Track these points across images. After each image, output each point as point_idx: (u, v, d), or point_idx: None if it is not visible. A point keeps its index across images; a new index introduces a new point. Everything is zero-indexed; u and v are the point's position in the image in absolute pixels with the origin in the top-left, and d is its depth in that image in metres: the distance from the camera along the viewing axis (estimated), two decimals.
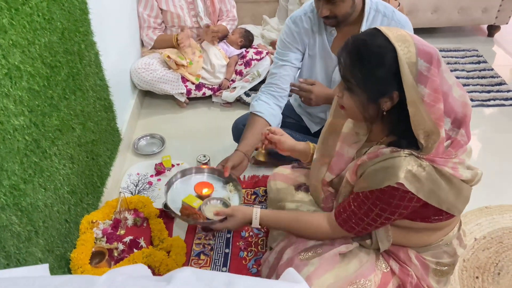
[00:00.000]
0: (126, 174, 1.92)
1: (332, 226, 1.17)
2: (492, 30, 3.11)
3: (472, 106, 2.34)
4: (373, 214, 1.06)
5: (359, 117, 1.08)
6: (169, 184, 1.51)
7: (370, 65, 0.98)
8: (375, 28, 1.01)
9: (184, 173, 1.58)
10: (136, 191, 1.84)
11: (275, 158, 1.88)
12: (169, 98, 2.44)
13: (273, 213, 1.30)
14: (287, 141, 1.40)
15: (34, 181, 1.16)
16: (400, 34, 0.97)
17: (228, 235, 1.66)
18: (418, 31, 3.02)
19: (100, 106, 1.66)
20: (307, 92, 1.66)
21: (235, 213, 1.28)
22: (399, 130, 1.02)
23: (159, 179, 1.91)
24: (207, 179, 1.58)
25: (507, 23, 3.03)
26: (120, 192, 1.66)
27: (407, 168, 0.98)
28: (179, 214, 1.38)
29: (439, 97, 0.95)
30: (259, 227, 1.26)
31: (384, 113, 1.01)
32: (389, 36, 0.96)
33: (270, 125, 1.68)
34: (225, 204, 1.44)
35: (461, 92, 1.03)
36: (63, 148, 1.33)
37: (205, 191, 1.49)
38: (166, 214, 1.70)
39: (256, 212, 1.26)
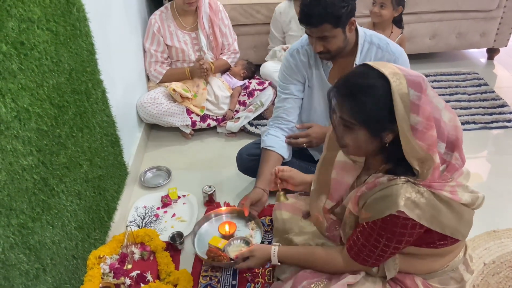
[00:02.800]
0: (133, 208, 1.94)
1: (346, 261, 1.18)
2: (492, 53, 3.14)
3: (475, 129, 2.41)
4: (381, 245, 1.07)
5: (362, 153, 1.10)
6: (194, 232, 1.68)
7: (367, 104, 1.00)
8: (364, 65, 1.04)
9: (206, 218, 1.75)
10: (143, 224, 1.85)
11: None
12: (175, 130, 2.49)
13: (290, 249, 1.34)
14: (297, 175, 1.46)
15: (42, 219, 1.19)
16: (390, 67, 1.00)
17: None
18: (418, 56, 3.08)
19: (107, 142, 1.70)
20: (306, 137, 1.76)
21: (254, 253, 1.35)
22: (395, 158, 1.04)
23: (165, 211, 1.93)
24: (230, 219, 1.73)
25: (506, 46, 3.06)
26: (126, 226, 1.68)
27: (406, 196, 0.99)
28: (206, 257, 1.54)
29: (432, 124, 0.97)
30: (278, 263, 1.32)
31: (387, 145, 1.03)
32: (382, 71, 0.99)
33: (282, 157, 1.76)
34: (247, 243, 1.56)
35: (451, 116, 1.05)
36: (70, 185, 1.36)
37: (227, 229, 1.63)
38: (172, 246, 1.71)
39: (274, 250, 1.30)
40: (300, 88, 1.77)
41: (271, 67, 2.61)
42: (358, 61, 1.62)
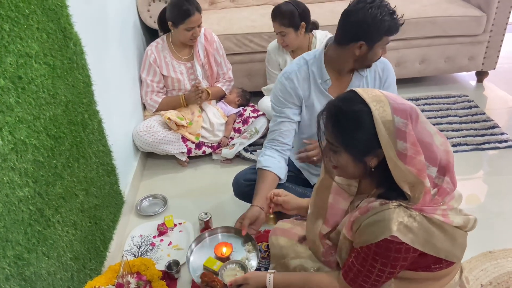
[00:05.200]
0: (129, 237, 1.94)
1: (342, 286, 1.18)
2: (481, 75, 3.21)
3: (468, 151, 2.44)
4: (376, 270, 1.07)
5: (349, 176, 1.13)
6: (190, 250, 1.64)
7: (349, 129, 1.04)
8: (352, 91, 1.08)
9: (202, 237, 1.71)
10: (139, 254, 1.85)
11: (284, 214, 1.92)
12: (171, 158, 2.51)
13: (285, 276, 1.34)
14: (292, 200, 1.47)
15: (38, 250, 1.19)
16: (375, 94, 1.04)
17: None
18: (408, 81, 3.15)
19: (103, 171, 1.72)
20: (315, 150, 1.79)
21: (249, 281, 1.34)
22: (387, 183, 1.06)
23: (161, 240, 1.93)
24: (225, 239, 1.70)
25: (494, 68, 3.14)
26: (122, 256, 1.67)
27: (398, 220, 1.01)
28: (199, 280, 1.51)
29: (419, 149, 1.00)
30: None
31: (372, 169, 1.06)
32: (364, 97, 1.03)
33: (279, 177, 1.76)
34: (243, 267, 1.55)
35: (442, 140, 1.08)
36: (66, 215, 1.37)
37: (224, 251, 1.60)
38: (169, 275, 1.70)
39: (270, 278, 1.30)
40: (296, 112, 1.78)
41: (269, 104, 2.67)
42: (354, 77, 1.72)
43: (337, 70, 1.70)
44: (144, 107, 2.59)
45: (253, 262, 1.59)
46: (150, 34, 2.83)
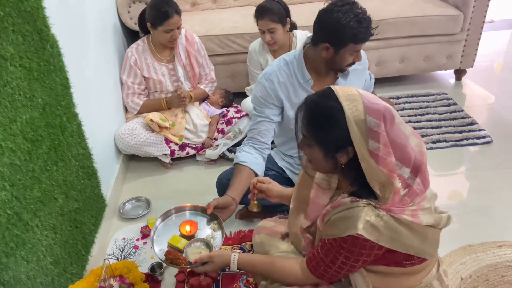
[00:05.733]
0: (111, 240, 1.92)
1: (304, 272, 1.21)
2: (459, 74, 3.28)
3: (446, 147, 2.48)
4: (338, 262, 1.10)
5: (321, 170, 1.15)
6: (154, 228, 1.59)
7: (322, 125, 1.06)
8: (329, 87, 1.09)
9: (167, 214, 1.67)
10: (122, 257, 1.83)
11: (267, 209, 1.91)
12: (154, 160, 2.50)
13: (250, 257, 1.36)
14: (275, 188, 1.49)
15: (16, 254, 1.18)
16: (351, 93, 1.05)
17: None
18: (389, 80, 3.19)
19: (83, 174, 1.70)
20: None
21: (214, 259, 1.36)
22: (359, 181, 1.08)
23: (145, 243, 1.91)
24: (191, 217, 1.66)
25: (472, 67, 3.20)
26: (104, 259, 1.65)
27: (365, 219, 1.03)
28: (164, 258, 1.47)
29: (390, 151, 1.02)
30: (237, 271, 1.36)
31: (343, 166, 1.08)
32: (339, 95, 1.04)
33: (255, 173, 1.76)
34: (208, 245, 1.53)
35: (417, 141, 1.10)
36: (45, 219, 1.35)
37: (188, 229, 1.58)
38: (152, 278, 1.69)
39: (234, 257, 1.32)
40: (275, 112, 1.79)
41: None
42: (341, 76, 1.75)
43: (315, 70, 1.71)
44: (126, 110, 2.57)
45: (218, 241, 1.57)
46: (131, 36, 2.81)
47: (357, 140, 1.01)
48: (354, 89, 1.08)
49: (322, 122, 1.06)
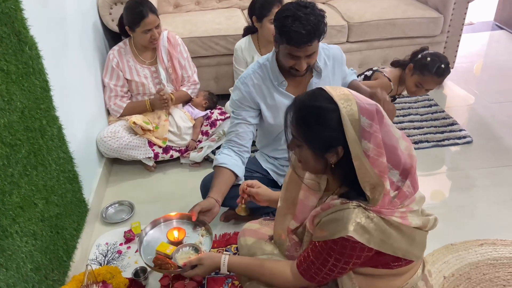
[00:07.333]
0: (94, 245, 1.89)
1: (294, 275, 1.20)
2: None
3: (428, 147, 2.51)
4: (329, 264, 1.09)
5: (311, 170, 1.15)
6: (141, 237, 1.56)
7: (312, 125, 1.05)
8: (320, 88, 1.09)
9: (155, 223, 1.63)
10: (105, 262, 1.80)
11: (252, 211, 1.90)
12: (138, 163, 2.47)
13: (240, 259, 1.35)
14: (264, 192, 1.49)
15: None
16: (343, 93, 1.05)
17: None
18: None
19: (64, 179, 1.67)
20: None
21: (203, 262, 1.34)
22: (349, 182, 1.08)
23: (128, 247, 1.89)
24: (178, 225, 1.64)
25: (452, 68, 3.25)
26: (87, 265, 1.62)
27: (355, 221, 1.03)
28: (153, 264, 1.43)
29: (382, 151, 1.02)
30: (228, 273, 1.33)
31: (333, 166, 1.08)
32: (332, 95, 1.04)
33: (235, 174, 1.76)
34: (196, 250, 1.50)
35: (406, 144, 1.10)
36: (25, 225, 1.32)
37: (176, 235, 1.56)
38: (136, 283, 1.67)
39: (224, 259, 1.31)
40: (252, 115, 1.81)
41: None
42: (315, 74, 1.77)
43: (287, 71, 1.72)
44: (109, 112, 2.53)
45: (207, 246, 1.54)
46: (112, 37, 2.77)
47: (351, 140, 1.01)
48: (345, 89, 1.08)
49: (311, 122, 1.05)
